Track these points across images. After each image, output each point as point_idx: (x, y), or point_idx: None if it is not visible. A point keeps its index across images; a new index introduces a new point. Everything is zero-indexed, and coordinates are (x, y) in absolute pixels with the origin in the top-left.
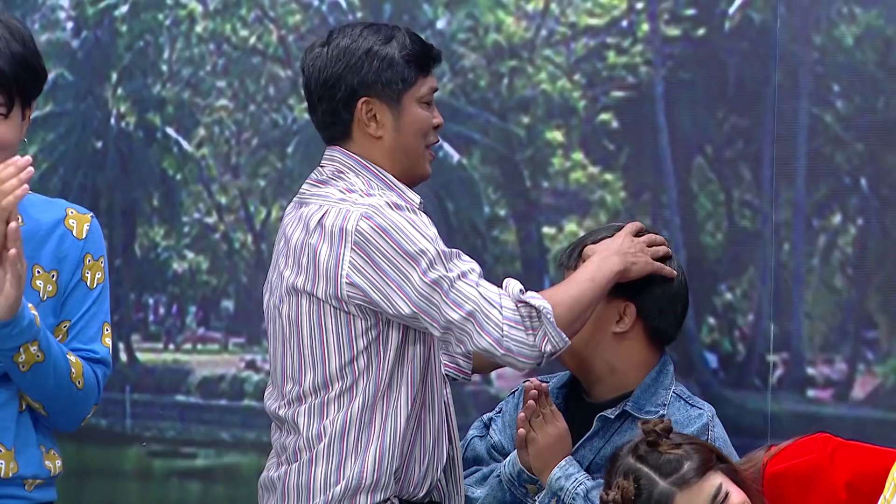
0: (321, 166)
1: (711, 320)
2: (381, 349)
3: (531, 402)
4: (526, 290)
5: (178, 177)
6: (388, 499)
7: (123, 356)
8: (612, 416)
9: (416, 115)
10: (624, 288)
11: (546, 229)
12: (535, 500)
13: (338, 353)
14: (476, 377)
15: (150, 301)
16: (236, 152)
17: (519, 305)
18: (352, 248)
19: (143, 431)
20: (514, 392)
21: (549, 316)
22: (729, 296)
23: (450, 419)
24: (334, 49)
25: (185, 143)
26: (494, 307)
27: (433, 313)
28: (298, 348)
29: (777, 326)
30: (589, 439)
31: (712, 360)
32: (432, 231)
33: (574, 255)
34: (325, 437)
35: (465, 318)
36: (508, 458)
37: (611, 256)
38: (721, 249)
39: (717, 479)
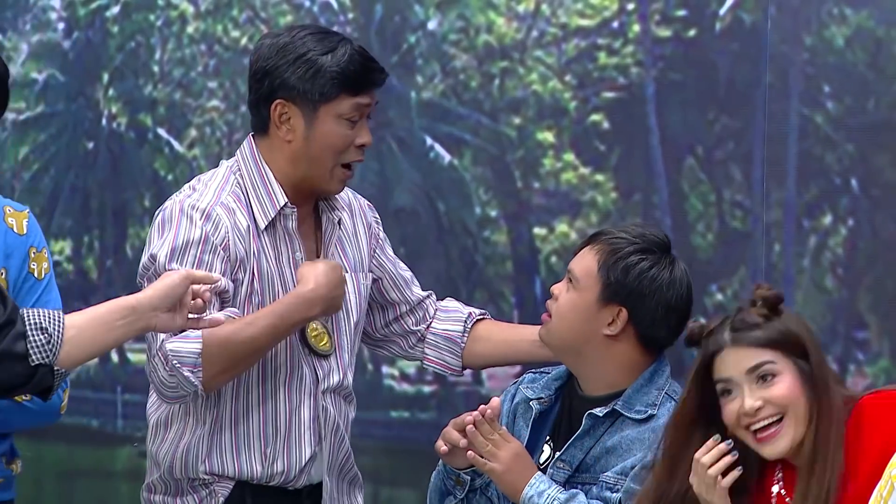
0: None
1: (702, 320)
2: None
3: (468, 440)
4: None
5: (170, 177)
6: (203, 480)
7: (115, 357)
8: (601, 415)
9: (329, 130)
10: (618, 294)
11: (537, 230)
12: (461, 492)
13: None
14: (466, 378)
15: None
16: (227, 153)
17: (166, 342)
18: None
19: (135, 432)
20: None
21: (184, 365)
22: (720, 296)
23: (318, 416)
24: (275, 44)
25: (176, 144)
26: (156, 338)
27: None
28: None
29: None
30: (579, 438)
31: None
32: (192, 256)
33: (584, 244)
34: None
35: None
36: None
37: (314, 304)
38: (712, 250)
39: (772, 358)
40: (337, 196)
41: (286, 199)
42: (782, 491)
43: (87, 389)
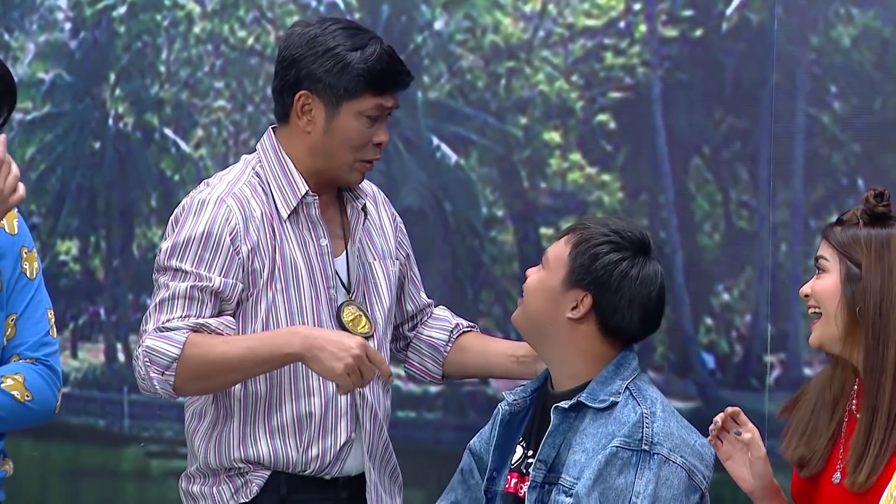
0: None
1: (708, 321)
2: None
3: None
4: (197, 329)
5: (176, 177)
6: (241, 470)
7: (121, 357)
8: (567, 407)
9: (349, 126)
10: (583, 279)
11: (544, 230)
12: None
13: None
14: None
15: (148, 301)
16: (234, 153)
17: (149, 337)
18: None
19: (141, 432)
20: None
21: (156, 364)
22: (726, 296)
23: (356, 402)
24: (305, 35)
25: (182, 144)
26: (145, 331)
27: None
28: None
29: (774, 327)
30: (551, 435)
31: (709, 360)
32: (193, 254)
33: (565, 230)
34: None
35: (141, 327)
36: None
37: (294, 335)
38: (718, 250)
39: (828, 256)
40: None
41: (307, 188)
42: (854, 406)
43: (94, 389)
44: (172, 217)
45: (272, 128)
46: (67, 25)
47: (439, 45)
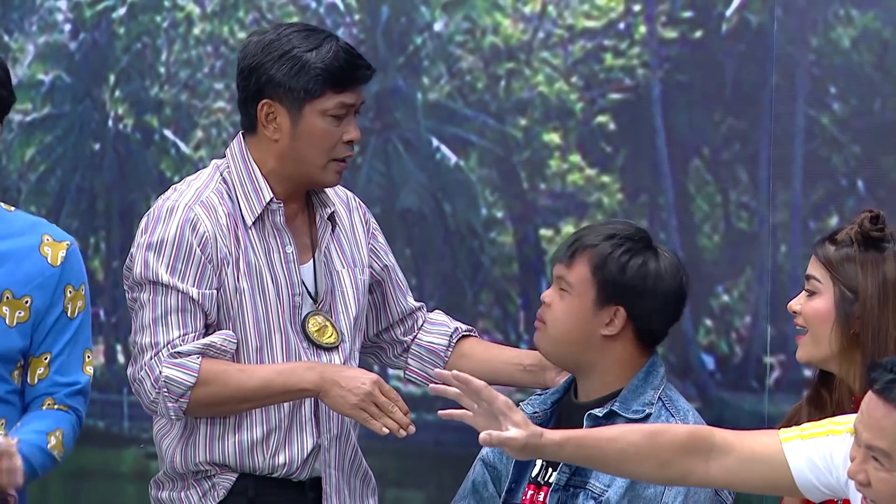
0: None
1: (708, 322)
2: None
3: None
4: (205, 352)
5: (176, 179)
6: (208, 472)
7: (121, 358)
8: (601, 415)
9: (315, 127)
10: (615, 293)
11: (543, 231)
12: None
13: None
14: None
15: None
16: None
17: (165, 365)
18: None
19: (141, 433)
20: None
21: (171, 393)
22: (726, 297)
23: (319, 408)
24: (261, 42)
25: (182, 145)
26: (151, 349)
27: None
28: None
29: (774, 328)
30: None
31: (709, 361)
32: (166, 261)
33: (570, 251)
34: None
35: (133, 342)
36: None
37: (312, 370)
38: (718, 251)
39: (819, 278)
40: (330, 191)
41: (272, 195)
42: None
43: (94, 391)
44: (143, 224)
45: (242, 133)
46: (67, 27)
47: (439, 47)
